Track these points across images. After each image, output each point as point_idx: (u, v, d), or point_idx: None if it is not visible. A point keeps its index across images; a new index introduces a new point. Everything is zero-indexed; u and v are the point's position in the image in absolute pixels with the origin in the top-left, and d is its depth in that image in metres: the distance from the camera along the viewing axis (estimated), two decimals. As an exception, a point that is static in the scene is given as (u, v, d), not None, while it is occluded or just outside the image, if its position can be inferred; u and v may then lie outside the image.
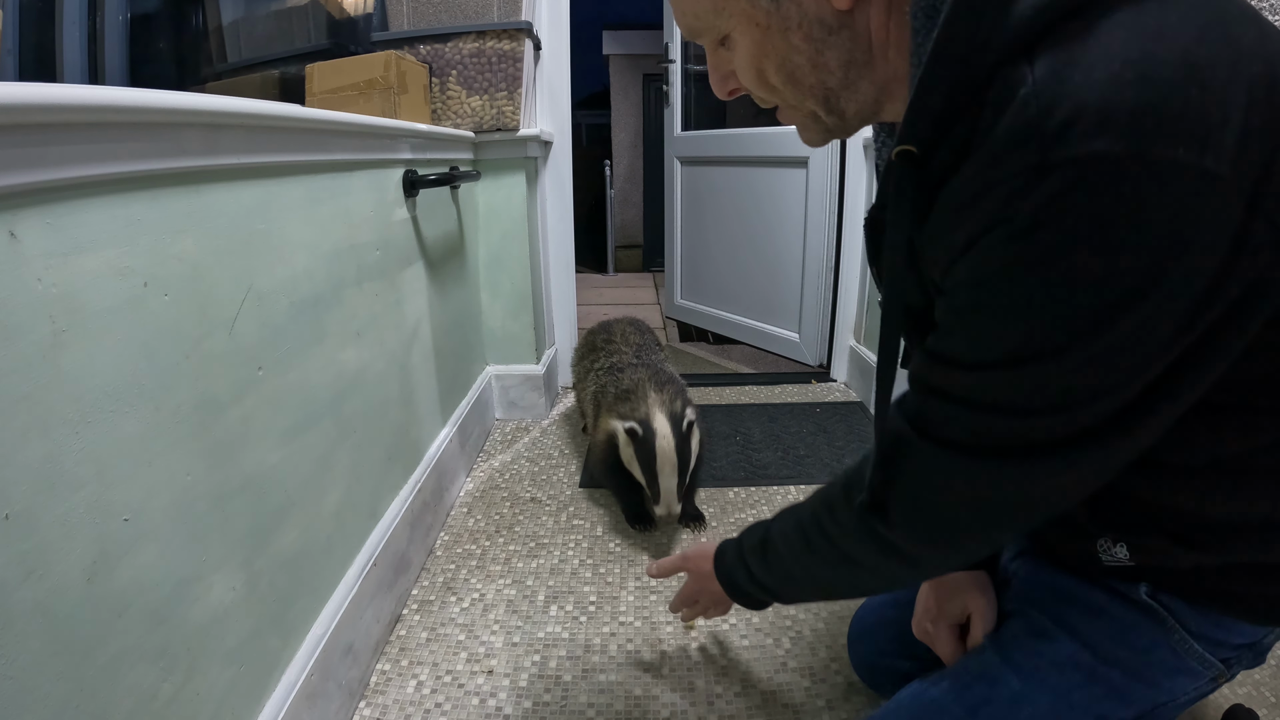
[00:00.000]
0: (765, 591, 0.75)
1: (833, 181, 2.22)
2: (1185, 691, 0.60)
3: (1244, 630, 0.58)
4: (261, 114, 0.76)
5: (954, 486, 0.50)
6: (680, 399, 1.39)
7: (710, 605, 0.90)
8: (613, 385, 1.47)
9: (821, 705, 0.97)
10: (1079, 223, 0.38)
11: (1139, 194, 0.37)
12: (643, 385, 1.39)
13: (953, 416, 0.49)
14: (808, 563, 0.66)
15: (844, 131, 0.56)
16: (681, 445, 1.29)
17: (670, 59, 2.69)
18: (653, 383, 1.41)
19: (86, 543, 0.52)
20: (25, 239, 0.47)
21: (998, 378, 0.45)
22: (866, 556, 0.59)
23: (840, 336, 2.31)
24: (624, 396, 1.40)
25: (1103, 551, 0.60)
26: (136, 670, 0.58)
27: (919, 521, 0.54)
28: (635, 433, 1.29)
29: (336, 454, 0.98)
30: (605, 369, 1.58)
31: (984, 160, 0.41)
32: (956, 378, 0.48)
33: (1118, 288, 0.39)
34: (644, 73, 5.43)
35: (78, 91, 0.50)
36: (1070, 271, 0.40)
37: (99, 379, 0.54)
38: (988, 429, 0.47)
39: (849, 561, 0.61)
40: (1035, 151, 0.38)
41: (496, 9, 1.74)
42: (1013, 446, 0.47)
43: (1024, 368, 0.44)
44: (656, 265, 4.84)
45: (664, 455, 1.26)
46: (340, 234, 1.00)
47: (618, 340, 1.67)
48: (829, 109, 0.53)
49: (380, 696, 1.00)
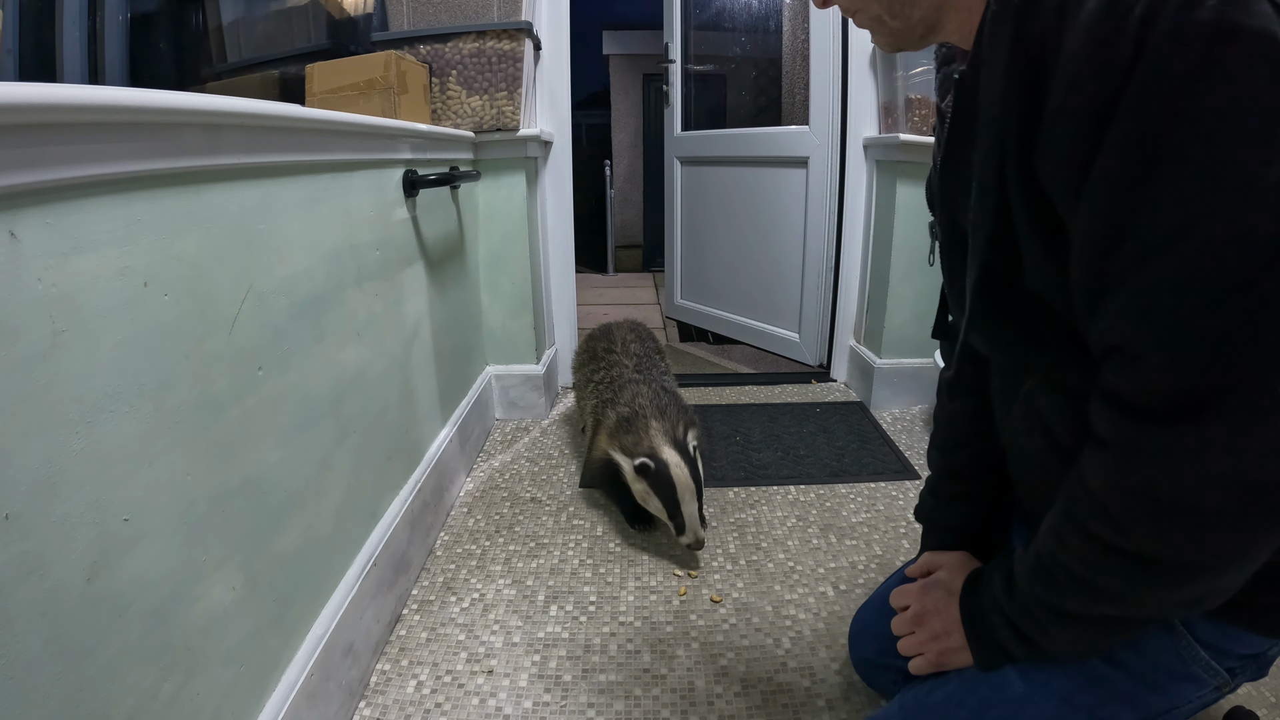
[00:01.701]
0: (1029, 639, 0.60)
1: (833, 181, 2.22)
2: (1189, 699, 0.60)
3: (1251, 641, 0.58)
4: (261, 114, 0.76)
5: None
6: (682, 422, 1.37)
7: (936, 636, 0.70)
8: (612, 408, 1.43)
9: (821, 705, 0.97)
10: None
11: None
12: (644, 413, 1.36)
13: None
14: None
15: (908, 38, 0.60)
16: (694, 470, 1.28)
17: (670, 59, 2.69)
18: (654, 408, 1.38)
19: (86, 543, 0.52)
20: (25, 239, 0.47)
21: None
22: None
23: (840, 336, 2.31)
24: (625, 426, 1.36)
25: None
26: (136, 670, 0.58)
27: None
28: (647, 468, 1.26)
29: (336, 454, 0.98)
30: (605, 382, 1.56)
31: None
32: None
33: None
34: (644, 73, 5.43)
35: (78, 91, 0.50)
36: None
37: (99, 379, 0.54)
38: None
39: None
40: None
41: (496, 9, 1.74)
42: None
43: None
44: (656, 265, 4.84)
45: (682, 485, 1.24)
46: (340, 234, 1.00)
47: (618, 350, 1.65)
48: (893, 13, 0.58)
49: (380, 696, 1.00)
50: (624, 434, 1.35)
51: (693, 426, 1.41)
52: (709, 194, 2.71)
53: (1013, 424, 0.67)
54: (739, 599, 1.20)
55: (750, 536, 1.39)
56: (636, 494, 1.32)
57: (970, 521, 0.79)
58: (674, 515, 1.25)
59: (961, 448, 0.80)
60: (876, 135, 2.05)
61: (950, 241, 0.67)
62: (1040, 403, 0.62)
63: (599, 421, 1.47)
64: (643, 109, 5.55)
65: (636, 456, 1.29)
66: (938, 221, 0.69)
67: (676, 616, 1.16)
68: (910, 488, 1.60)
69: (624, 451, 1.33)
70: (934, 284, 2.25)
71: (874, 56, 2.02)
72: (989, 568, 0.66)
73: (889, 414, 2.05)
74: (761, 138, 2.45)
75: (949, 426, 0.83)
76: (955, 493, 0.80)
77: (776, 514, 1.48)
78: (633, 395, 1.43)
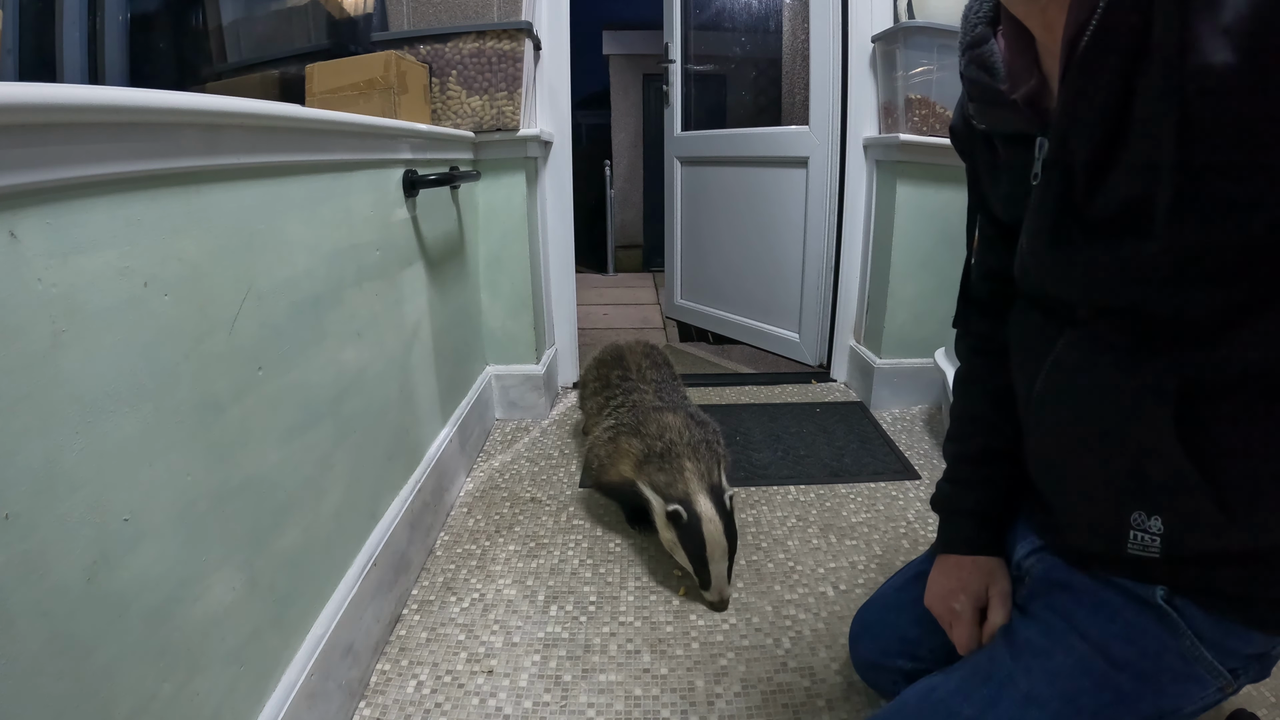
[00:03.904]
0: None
1: (833, 181, 2.22)
2: (1192, 700, 0.60)
3: (1255, 640, 0.58)
4: (261, 114, 0.76)
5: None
6: (718, 465, 1.28)
7: (975, 595, 0.75)
8: (638, 437, 1.32)
9: (821, 705, 0.97)
10: None
11: None
12: (676, 451, 1.26)
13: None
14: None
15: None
16: (729, 527, 1.18)
17: (670, 59, 2.69)
18: (687, 447, 1.27)
19: (86, 543, 0.52)
20: (25, 239, 0.47)
21: None
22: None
23: (840, 336, 2.31)
24: (656, 461, 1.25)
25: (1135, 526, 0.58)
26: (136, 670, 0.58)
27: None
28: (680, 517, 1.17)
29: (336, 454, 0.98)
30: (624, 407, 1.46)
31: None
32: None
33: None
34: (644, 73, 5.43)
35: (78, 91, 0.50)
36: None
37: (99, 379, 0.54)
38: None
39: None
40: None
41: (496, 9, 1.74)
42: None
43: None
44: (656, 265, 4.84)
45: (714, 542, 1.15)
46: (340, 234, 1.00)
47: (634, 377, 1.56)
48: None
49: (380, 696, 1.00)
50: (655, 470, 1.25)
51: (723, 462, 1.31)
52: (709, 194, 2.71)
53: (1042, 394, 0.65)
54: (739, 599, 1.20)
55: (750, 536, 1.39)
56: (664, 541, 1.23)
57: (987, 506, 0.79)
58: (699, 571, 1.17)
59: (975, 436, 0.80)
60: (876, 135, 2.05)
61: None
62: (1080, 357, 0.59)
63: (617, 445, 1.36)
64: (643, 109, 5.55)
65: (669, 500, 1.20)
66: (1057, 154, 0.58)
67: (676, 616, 1.16)
68: (910, 488, 1.60)
69: (654, 489, 1.24)
70: (934, 284, 2.25)
71: (874, 56, 2.02)
72: None
73: (889, 414, 2.05)
74: (761, 138, 2.45)
75: (962, 418, 0.83)
76: (971, 477, 0.80)
77: (776, 514, 1.48)
78: (660, 427, 1.32)
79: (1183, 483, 0.54)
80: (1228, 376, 0.51)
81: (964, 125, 0.72)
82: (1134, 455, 0.56)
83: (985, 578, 0.75)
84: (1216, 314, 0.50)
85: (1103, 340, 0.57)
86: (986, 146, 0.69)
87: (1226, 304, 0.49)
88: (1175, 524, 0.57)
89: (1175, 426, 0.52)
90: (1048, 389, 0.63)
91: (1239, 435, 0.52)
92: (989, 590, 0.74)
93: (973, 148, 0.73)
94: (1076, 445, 0.61)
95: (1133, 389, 0.55)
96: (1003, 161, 0.67)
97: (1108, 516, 0.60)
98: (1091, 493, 0.62)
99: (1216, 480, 0.53)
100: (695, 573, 1.18)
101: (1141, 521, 0.58)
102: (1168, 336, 0.53)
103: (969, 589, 0.75)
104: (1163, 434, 0.53)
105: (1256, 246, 0.46)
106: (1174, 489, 0.55)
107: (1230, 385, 0.51)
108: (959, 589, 0.75)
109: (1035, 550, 0.73)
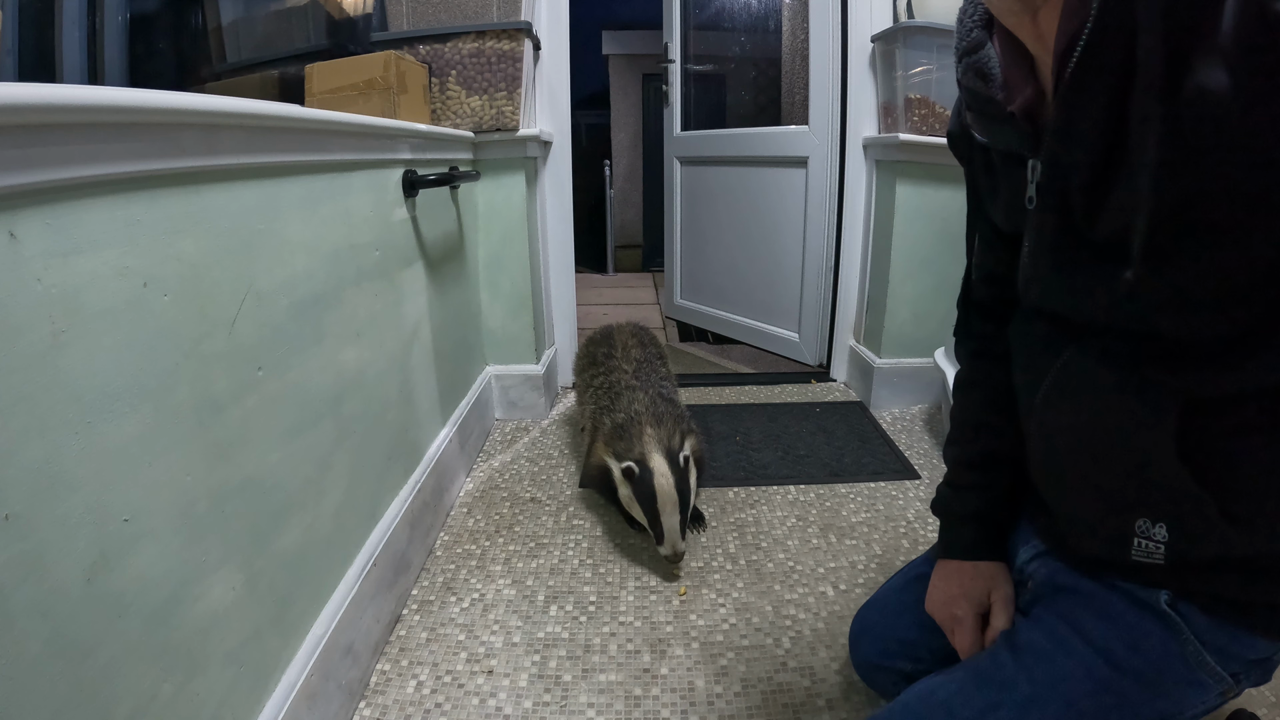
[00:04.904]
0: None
1: (832, 181, 2.22)
2: (1194, 704, 0.60)
3: (1258, 645, 0.58)
4: (261, 114, 0.76)
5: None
6: (678, 432, 1.35)
7: (976, 602, 0.75)
8: (609, 415, 1.42)
9: (821, 705, 0.97)
10: None
11: None
12: (639, 420, 1.35)
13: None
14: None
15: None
16: (680, 482, 1.25)
17: (670, 59, 2.69)
18: (649, 415, 1.37)
19: (86, 543, 0.52)
20: (25, 239, 0.47)
21: None
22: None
23: (840, 336, 2.31)
24: (619, 433, 1.35)
25: (1139, 534, 0.58)
26: (136, 670, 0.58)
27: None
28: (632, 472, 1.26)
29: (336, 454, 0.98)
30: (603, 388, 1.54)
31: None
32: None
33: None
34: (644, 73, 5.43)
35: (78, 91, 0.50)
36: None
37: (99, 379, 0.54)
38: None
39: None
40: None
41: (496, 9, 1.74)
42: None
43: None
44: (656, 265, 4.84)
45: (664, 494, 1.23)
46: (340, 234, 1.00)
47: (618, 355, 1.62)
48: None
49: (380, 696, 1.00)
50: (618, 440, 1.34)
51: (690, 434, 1.39)
52: (709, 194, 2.71)
53: (1045, 403, 0.65)
54: (739, 599, 1.20)
55: (750, 536, 1.40)
56: (622, 499, 1.32)
57: (988, 511, 0.79)
58: (654, 525, 1.24)
59: (976, 440, 0.80)
60: (876, 135, 2.05)
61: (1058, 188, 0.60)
62: (1085, 371, 0.59)
63: (597, 427, 1.46)
64: (642, 109, 5.55)
65: (625, 461, 1.28)
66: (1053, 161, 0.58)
67: (676, 616, 1.16)
68: (910, 488, 1.60)
69: (616, 457, 1.32)
70: (934, 284, 2.25)
71: (873, 56, 2.02)
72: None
73: (889, 414, 2.05)
74: (761, 138, 2.45)
75: (962, 423, 0.83)
76: (972, 482, 0.80)
77: (776, 514, 1.48)
78: (629, 402, 1.43)
79: (1187, 492, 0.54)
80: (1235, 392, 0.51)
81: (962, 132, 0.72)
82: (1138, 465, 0.56)
83: (987, 583, 0.74)
84: (1223, 337, 0.50)
85: (1108, 354, 0.57)
86: (985, 156, 0.69)
87: (1232, 328, 0.49)
88: (1180, 532, 0.57)
89: (1179, 440, 0.52)
90: (1051, 399, 0.63)
91: (1245, 446, 0.52)
92: (991, 595, 0.74)
93: (971, 154, 0.73)
94: (1080, 454, 0.61)
95: (1137, 403, 0.55)
96: (1000, 174, 0.67)
97: (1111, 523, 0.60)
98: (1095, 500, 0.62)
99: (1221, 489, 0.53)
100: (650, 527, 1.26)
101: (1146, 529, 0.58)
102: (1174, 354, 0.53)
103: (970, 594, 0.74)
104: (1168, 446, 0.53)
105: (1262, 272, 0.46)
106: (1179, 498, 0.55)
107: (1237, 398, 0.51)
108: (960, 595, 0.75)
109: (1038, 555, 0.73)
